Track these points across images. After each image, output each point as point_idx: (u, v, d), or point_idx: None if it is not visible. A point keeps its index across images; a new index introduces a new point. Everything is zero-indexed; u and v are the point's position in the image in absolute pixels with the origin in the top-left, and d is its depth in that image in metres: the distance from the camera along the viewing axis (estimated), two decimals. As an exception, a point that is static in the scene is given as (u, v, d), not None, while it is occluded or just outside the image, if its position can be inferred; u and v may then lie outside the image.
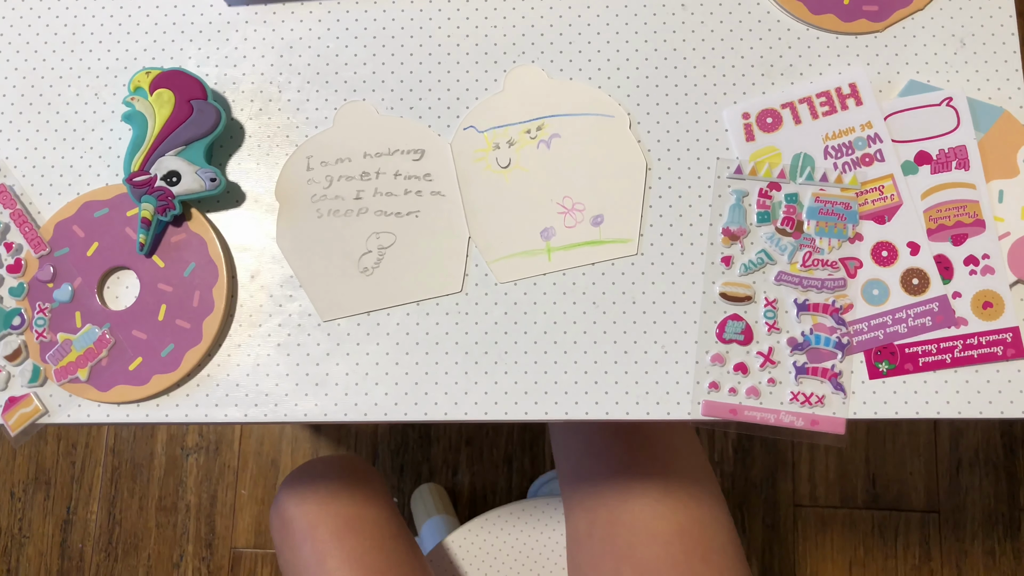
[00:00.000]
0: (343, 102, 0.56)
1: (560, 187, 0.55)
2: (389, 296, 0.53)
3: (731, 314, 0.53)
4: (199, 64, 0.57)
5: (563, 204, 0.54)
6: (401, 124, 0.55)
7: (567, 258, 0.54)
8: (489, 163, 0.55)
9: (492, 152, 0.55)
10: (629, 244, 0.54)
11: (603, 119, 0.55)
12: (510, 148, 0.55)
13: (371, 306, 0.53)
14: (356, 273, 0.53)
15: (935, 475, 1.29)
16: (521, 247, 0.54)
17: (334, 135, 0.55)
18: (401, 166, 0.55)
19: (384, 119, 0.55)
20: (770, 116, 0.55)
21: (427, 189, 0.54)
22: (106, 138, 0.56)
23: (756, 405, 0.52)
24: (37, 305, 0.53)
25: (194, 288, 0.52)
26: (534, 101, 0.56)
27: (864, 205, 0.53)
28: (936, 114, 0.54)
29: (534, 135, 0.55)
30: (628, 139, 0.55)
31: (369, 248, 0.54)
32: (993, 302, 0.52)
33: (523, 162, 0.55)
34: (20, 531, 1.28)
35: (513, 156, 0.55)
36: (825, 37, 0.56)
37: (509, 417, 0.52)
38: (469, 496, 1.28)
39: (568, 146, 0.55)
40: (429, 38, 0.57)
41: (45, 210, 0.55)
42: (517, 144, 0.55)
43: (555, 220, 0.54)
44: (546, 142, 0.55)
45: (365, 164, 0.55)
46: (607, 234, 0.54)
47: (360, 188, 0.54)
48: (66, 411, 0.52)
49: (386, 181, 0.54)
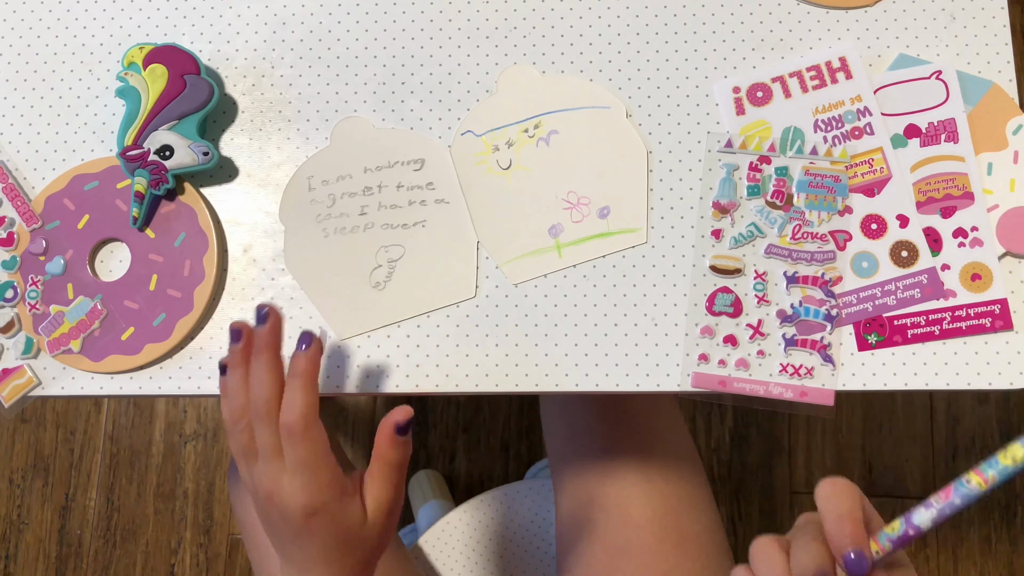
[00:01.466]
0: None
1: (563, 183, 0.55)
2: (403, 309, 0.53)
3: (721, 287, 0.53)
4: (192, 40, 0.57)
5: (568, 200, 0.54)
6: (399, 135, 0.55)
7: (577, 253, 0.54)
8: (490, 166, 0.55)
9: (492, 154, 0.55)
10: (638, 233, 0.54)
11: (599, 111, 0.55)
12: (509, 149, 0.55)
13: (386, 320, 0.53)
14: (368, 289, 0.53)
15: (931, 462, 1.29)
16: (530, 247, 0.54)
17: (332, 152, 0.55)
18: (403, 177, 0.55)
19: (381, 132, 0.55)
20: (760, 90, 0.55)
21: (431, 198, 0.54)
22: (100, 113, 0.56)
23: (745, 377, 0.52)
24: (30, 278, 0.53)
25: (184, 258, 0.53)
26: (529, 99, 0.56)
27: (854, 178, 0.54)
28: (925, 87, 0.54)
29: (532, 134, 0.55)
30: (626, 128, 0.55)
31: (379, 262, 0.54)
32: (981, 274, 0.52)
33: (524, 162, 0.55)
34: (19, 517, 1.29)
35: (513, 157, 0.55)
36: (815, 11, 0.56)
37: (500, 389, 0.52)
38: (466, 482, 1.28)
39: (567, 141, 0.55)
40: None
41: (39, 185, 0.55)
42: (516, 144, 0.55)
43: (562, 216, 0.54)
44: (545, 139, 0.55)
45: (366, 179, 0.54)
46: (615, 225, 0.54)
47: (364, 203, 0.54)
48: (60, 383, 0.53)
49: (389, 194, 0.54)
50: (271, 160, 0.55)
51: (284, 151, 0.55)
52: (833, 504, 0.35)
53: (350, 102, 0.56)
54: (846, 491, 0.36)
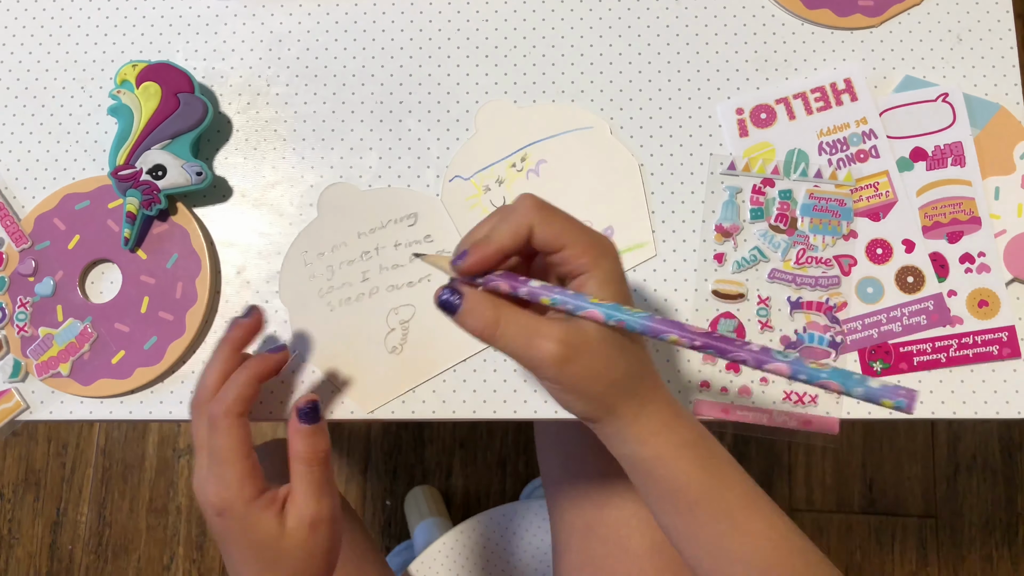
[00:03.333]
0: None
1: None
2: (424, 368, 0.51)
3: (723, 312, 0.52)
4: (187, 57, 0.56)
5: None
6: (386, 194, 0.54)
7: None
8: (484, 207, 0.54)
9: (484, 195, 0.54)
10: (647, 247, 0.53)
11: (583, 132, 0.54)
12: (500, 187, 0.54)
13: (410, 384, 0.51)
14: (386, 355, 0.52)
15: (932, 480, 1.28)
16: None
17: (322, 223, 0.53)
18: (398, 235, 0.53)
19: (367, 194, 0.54)
20: (764, 111, 0.54)
21: (431, 250, 0.53)
22: (92, 131, 0.55)
23: (748, 404, 0.51)
24: (18, 299, 0.52)
25: (177, 279, 0.52)
26: (509, 133, 0.54)
27: (859, 202, 0.53)
28: (932, 110, 0.54)
29: (520, 167, 0.54)
30: (613, 145, 0.54)
31: (391, 326, 0.52)
32: (989, 300, 0.51)
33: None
34: (10, 532, 1.27)
35: (506, 194, 0.54)
36: (820, 32, 0.55)
37: (477, 416, 0.51)
38: (463, 499, 1.27)
39: (557, 169, 0.54)
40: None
41: (29, 204, 0.54)
42: (506, 181, 0.54)
43: None
44: (534, 170, 0.54)
45: (362, 243, 0.53)
46: (623, 243, 0.53)
47: (364, 269, 0.53)
48: (48, 407, 0.52)
49: (388, 254, 0.53)
50: (266, 180, 0.54)
51: (279, 170, 0.54)
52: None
53: (347, 121, 0.55)
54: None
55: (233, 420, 0.42)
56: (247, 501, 0.42)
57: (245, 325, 0.47)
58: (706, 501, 0.39)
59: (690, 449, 0.39)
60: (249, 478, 0.42)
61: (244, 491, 0.42)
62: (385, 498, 1.26)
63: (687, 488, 0.39)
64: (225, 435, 0.42)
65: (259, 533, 0.42)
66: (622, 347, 0.38)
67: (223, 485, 0.42)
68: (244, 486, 0.42)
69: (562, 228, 0.37)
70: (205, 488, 0.42)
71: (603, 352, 0.37)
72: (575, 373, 0.37)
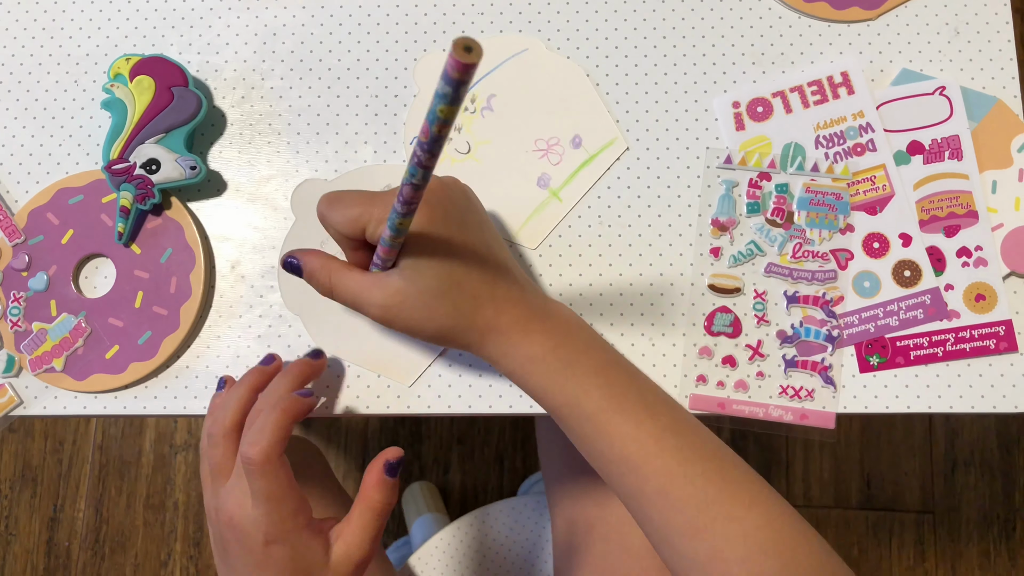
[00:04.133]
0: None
1: (527, 136, 0.54)
2: None
3: (720, 306, 0.52)
4: (181, 51, 0.56)
5: (539, 148, 0.54)
6: (355, 175, 0.54)
7: (574, 190, 0.53)
8: (453, 158, 0.54)
9: (448, 146, 0.54)
10: (616, 143, 0.54)
11: (521, 56, 0.55)
12: (460, 133, 0.54)
13: (438, 348, 0.52)
14: None
15: (930, 475, 1.28)
16: (530, 207, 0.53)
17: (303, 225, 0.53)
18: None
19: (336, 181, 0.54)
20: (761, 105, 0.54)
21: None
22: (85, 125, 0.55)
23: (744, 399, 0.51)
24: (12, 294, 0.52)
25: (171, 274, 0.51)
26: None
27: (856, 196, 0.53)
28: (929, 103, 0.53)
29: (472, 108, 0.54)
30: (553, 59, 0.55)
31: None
32: (986, 295, 0.51)
33: (480, 136, 0.54)
34: (6, 529, 1.27)
35: (469, 138, 0.54)
36: (817, 25, 0.55)
37: (472, 411, 0.51)
38: (460, 494, 1.27)
39: (508, 99, 0.54)
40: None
41: (22, 198, 0.54)
42: (464, 126, 0.54)
43: (542, 165, 0.54)
44: (487, 107, 0.54)
45: None
46: (592, 147, 0.54)
47: None
48: (42, 402, 0.51)
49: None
50: (260, 174, 0.54)
51: (274, 164, 0.54)
52: None
53: (341, 115, 0.54)
54: None
55: (274, 463, 0.42)
56: (299, 530, 0.42)
57: (264, 370, 0.48)
58: (567, 407, 0.41)
59: (537, 364, 0.42)
60: (301, 509, 0.43)
61: (298, 521, 0.42)
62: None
63: (546, 399, 0.42)
64: (272, 479, 0.42)
65: (306, 561, 0.42)
66: (440, 293, 0.41)
67: (277, 518, 0.42)
68: (297, 517, 0.42)
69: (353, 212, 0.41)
70: (257, 522, 0.42)
71: (420, 304, 0.41)
72: (401, 326, 0.42)
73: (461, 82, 0.27)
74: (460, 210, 0.43)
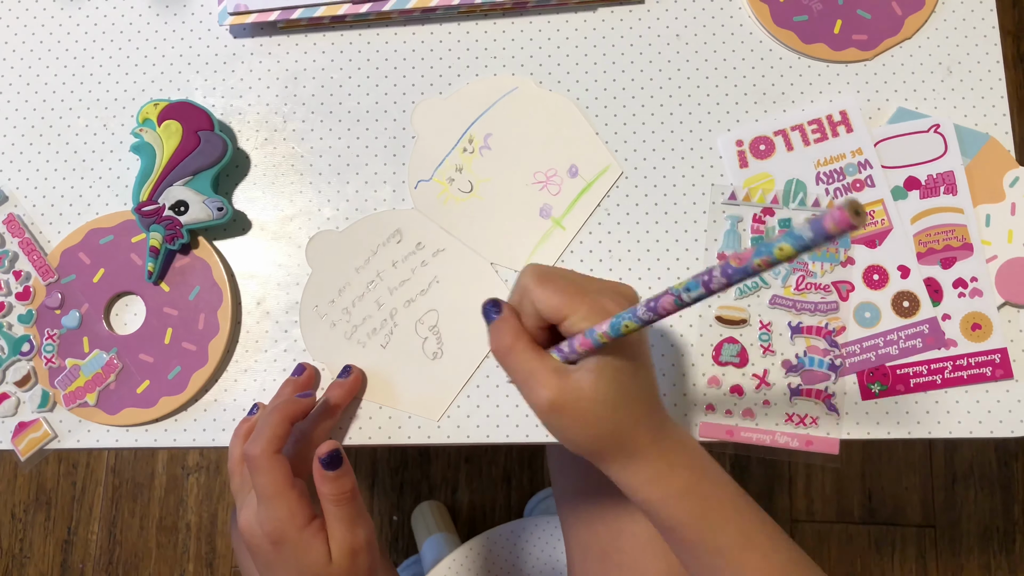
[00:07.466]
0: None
1: (525, 169, 0.57)
2: (469, 360, 0.54)
3: (727, 337, 0.54)
4: (205, 95, 0.58)
5: (538, 180, 0.56)
6: (364, 224, 0.56)
7: (575, 218, 0.56)
8: (456, 197, 0.56)
9: (451, 187, 0.56)
10: (611, 169, 0.56)
11: (512, 95, 0.58)
12: (462, 173, 0.57)
13: (463, 380, 0.54)
14: (431, 364, 0.54)
15: (931, 490, 1.30)
16: (536, 237, 0.56)
17: (319, 276, 0.55)
18: (392, 254, 0.55)
19: (348, 231, 0.56)
20: (763, 143, 0.56)
21: (428, 255, 0.55)
22: (115, 168, 0.57)
23: (752, 426, 0.53)
24: (46, 332, 0.54)
25: (199, 311, 0.53)
26: (448, 125, 0.57)
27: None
28: (924, 140, 0.56)
29: (471, 149, 0.57)
30: (543, 94, 0.58)
31: (423, 335, 0.54)
32: (981, 324, 0.53)
33: (481, 175, 0.56)
34: (21, 551, 1.28)
35: (470, 178, 0.57)
36: (816, 65, 0.58)
37: (490, 440, 0.53)
38: (468, 513, 1.28)
39: (504, 137, 0.57)
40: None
41: (55, 239, 0.56)
42: (465, 166, 0.57)
43: (543, 197, 0.56)
44: (485, 146, 0.57)
45: (363, 277, 0.55)
46: (588, 175, 0.56)
47: (376, 297, 0.55)
48: (75, 436, 0.53)
49: (390, 275, 0.55)
50: (284, 213, 0.56)
51: (296, 204, 0.56)
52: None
53: (361, 156, 0.57)
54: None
55: (271, 458, 0.44)
56: (300, 528, 0.44)
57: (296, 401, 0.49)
58: (700, 543, 0.42)
59: (680, 500, 0.41)
60: (299, 507, 0.45)
61: (297, 519, 0.44)
62: (392, 513, 1.28)
63: (679, 530, 0.42)
64: (267, 473, 0.44)
65: (311, 558, 0.44)
66: (614, 406, 0.40)
67: (275, 518, 0.44)
68: (296, 514, 0.44)
69: (560, 301, 0.40)
70: (262, 525, 0.44)
71: (591, 411, 0.40)
72: (561, 425, 0.40)
73: (830, 238, 0.27)
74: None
